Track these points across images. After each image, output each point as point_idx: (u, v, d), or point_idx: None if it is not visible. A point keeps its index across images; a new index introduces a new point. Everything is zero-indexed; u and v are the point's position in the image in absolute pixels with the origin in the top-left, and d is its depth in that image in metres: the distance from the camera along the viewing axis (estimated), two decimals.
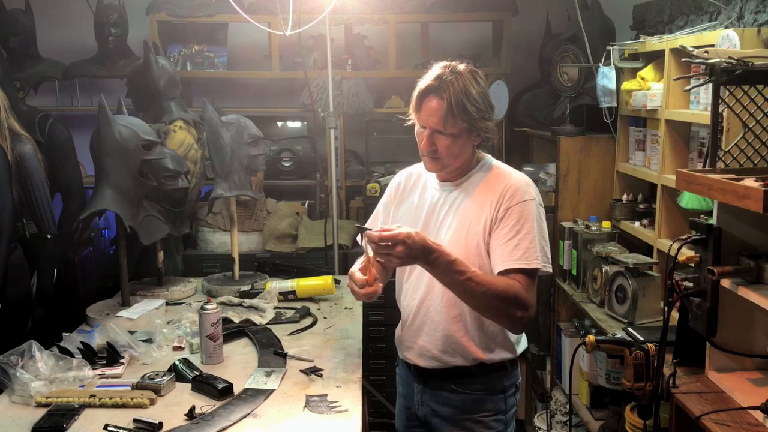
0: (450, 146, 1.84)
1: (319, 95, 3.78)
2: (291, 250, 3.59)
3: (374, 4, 3.83)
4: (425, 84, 1.83)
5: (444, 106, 1.79)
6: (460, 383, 1.96)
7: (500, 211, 1.84)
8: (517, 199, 1.84)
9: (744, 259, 1.73)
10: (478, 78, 1.84)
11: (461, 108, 1.79)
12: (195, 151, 3.17)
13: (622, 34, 3.41)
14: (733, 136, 1.93)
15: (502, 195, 1.85)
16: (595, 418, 2.99)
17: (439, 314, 1.93)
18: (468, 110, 1.79)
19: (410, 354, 2.02)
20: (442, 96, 1.79)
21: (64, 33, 4.02)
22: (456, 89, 1.79)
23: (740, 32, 2.17)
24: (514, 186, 1.86)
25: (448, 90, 1.79)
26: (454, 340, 1.93)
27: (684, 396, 1.82)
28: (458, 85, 1.79)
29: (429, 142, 1.85)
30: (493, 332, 1.93)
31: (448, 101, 1.79)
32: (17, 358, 1.98)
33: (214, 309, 2.14)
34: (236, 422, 1.76)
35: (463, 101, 1.79)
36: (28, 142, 2.77)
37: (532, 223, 1.82)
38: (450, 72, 1.81)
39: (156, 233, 2.67)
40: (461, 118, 1.80)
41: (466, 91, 1.79)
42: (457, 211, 1.91)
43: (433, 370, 1.98)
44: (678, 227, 2.65)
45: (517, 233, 1.81)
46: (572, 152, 3.20)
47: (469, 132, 1.84)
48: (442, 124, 1.81)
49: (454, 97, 1.78)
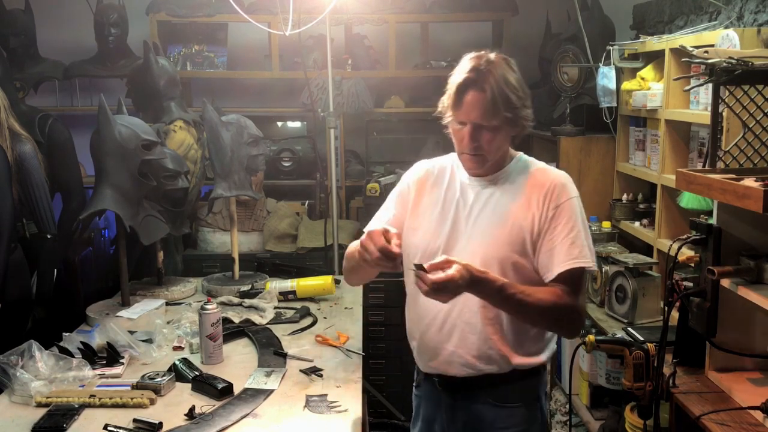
0: (493, 140, 1.74)
1: (319, 95, 3.78)
2: (291, 250, 3.59)
3: (374, 4, 3.83)
4: (462, 77, 1.71)
5: (486, 97, 1.68)
6: (496, 394, 1.82)
7: (549, 209, 1.74)
8: (565, 197, 1.76)
9: (744, 259, 1.73)
10: (513, 65, 1.75)
11: (504, 98, 1.69)
12: (195, 151, 3.17)
13: (622, 34, 3.41)
14: (733, 136, 1.94)
15: (549, 192, 1.75)
16: (595, 418, 2.99)
17: (474, 315, 1.77)
18: (510, 99, 1.70)
19: (437, 363, 1.83)
20: (483, 87, 1.69)
21: (64, 33, 4.02)
22: (496, 78, 1.69)
23: (740, 32, 2.17)
24: (560, 182, 1.77)
25: (488, 80, 1.68)
26: (490, 345, 1.77)
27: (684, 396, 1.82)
28: (497, 74, 1.69)
29: (472, 138, 1.73)
30: (530, 335, 1.81)
31: (490, 92, 1.68)
32: (17, 358, 1.98)
33: (214, 309, 2.14)
34: (236, 422, 1.76)
35: (504, 90, 1.69)
36: (28, 142, 2.77)
37: (581, 220, 1.76)
38: (485, 62, 1.71)
39: (156, 233, 2.67)
40: (504, 108, 1.69)
41: (505, 79, 1.70)
42: (496, 208, 1.78)
43: (464, 379, 1.81)
44: (678, 227, 2.65)
45: (570, 231, 1.73)
46: (572, 152, 3.20)
47: (511, 123, 1.73)
48: (485, 116, 1.70)
49: (496, 87, 1.68)
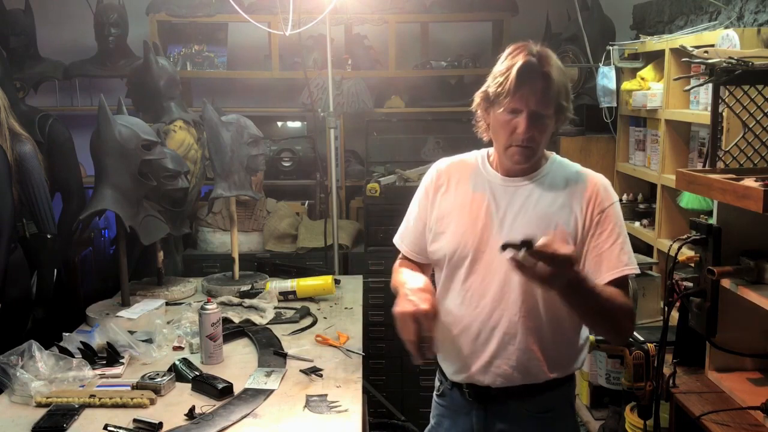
0: (545, 130, 1.63)
1: (319, 95, 3.78)
2: (291, 250, 3.59)
3: (374, 4, 3.83)
4: (522, 61, 1.58)
5: (548, 84, 1.58)
6: (531, 404, 1.72)
7: (594, 213, 1.65)
8: (609, 201, 1.67)
9: (744, 259, 1.73)
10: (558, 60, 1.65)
11: (563, 86, 1.61)
12: (195, 151, 3.17)
13: (622, 34, 3.41)
14: (733, 136, 1.94)
15: (593, 196, 1.66)
16: (595, 418, 2.98)
17: (514, 326, 1.66)
18: (568, 89, 1.63)
19: (468, 373, 1.72)
20: (545, 73, 1.58)
21: (64, 33, 4.02)
22: (556, 66, 1.60)
23: (740, 32, 2.17)
24: (603, 186, 1.69)
25: (550, 66, 1.59)
26: (530, 356, 1.67)
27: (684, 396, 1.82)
28: (555, 62, 1.61)
29: (529, 127, 1.59)
30: (568, 343, 1.73)
31: (552, 79, 1.58)
32: (17, 358, 1.98)
33: (214, 309, 2.14)
34: (236, 422, 1.76)
35: (563, 79, 1.61)
36: (28, 142, 2.77)
37: (623, 225, 1.69)
38: (540, 49, 1.61)
39: (156, 233, 2.67)
40: (563, 97, 1.61)
41: (561, 68, 1.62)
42: (536, 208, 1.67)
43: (498, 389, 1.71)
44: (678, 227, 2.65)
45: (617, 237, 1.65)
46: (572, 152, 3.20)
47: (562, 114, 1.64)
48: (545, 104, 1.59)
49: (557, 74, 1.59)
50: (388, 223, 3.54)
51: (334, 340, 2.31)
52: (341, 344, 2.29)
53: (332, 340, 2.31)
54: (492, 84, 1.63)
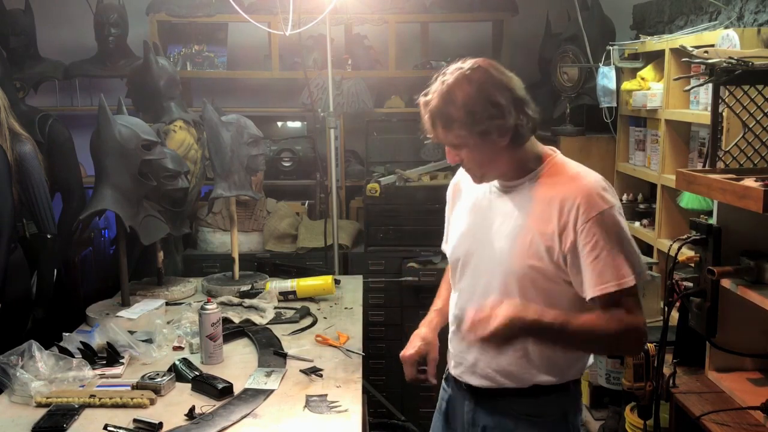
0: (470, 156, 1.66)
1: (319, 95, 3.78)
2: (291, 250, 3.59)
3: (374, 4, 3.83)
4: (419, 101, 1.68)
5: (433, 121, 1.64)
6: (517, 406, 1.74)
7: (578, 225, 1.59)
8: (595, 210, 1.58)
9: (744, 259, 1.73)
10: (474, 76, 1.60)
11: (447, 118, 1.61)
12: (195, 151, 3.17)
13: (622, 34, 3.41)
14: (733, 136, 1.94)
15: (573, 207, 1.60)
16: (595, 418, 2.99)
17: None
18: (455, 118, 1.60)
19: (460, 369, 1.80)
20: (426, 111, 1.65)
21: (64, 33, 4.02)
22: (437, 100, 1.62)
23: (740, 32, 2.17)
24: (585, 194, 1.60)
25: (431, 103, 1.63)
26: (511, 360, 1.70)
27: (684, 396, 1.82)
28: (441, 95, 1.61)
29: (451, 156, 1.68)
30: (558, 354, 1.70)
31: (431, 115, 1.63)
32: (17, 358, 1.98)
33: (214, 309, 2.14)
34: (236, 422, 1.76)
35: (446, 112, 1.60)
36: (28, 142, 2.77)
37: (616, 234, 1.60)
38: (439, 81, 1.65)
39: (156, 233, 2.67)
40: (456, 126, 1.61)
41: (449, 98, 1.60)
42: (520, 218, 1.66)
43: (487, 390, 1.76)
44: (678, 227, 2.65)
45: (601, 250, 1.57)
46: (572, 152, 3.19)
47: (481, 137, 1.60)
48: (447, 137, 1.64)
49: (436, 109, 1.62)
50: (388, 223, 3.54)
51: (334, 340, 2.31)
52: (341, 344, 2.28)
53: (332, 340, 2.31)
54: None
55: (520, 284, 1.65)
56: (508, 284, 1.66)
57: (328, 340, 2.31)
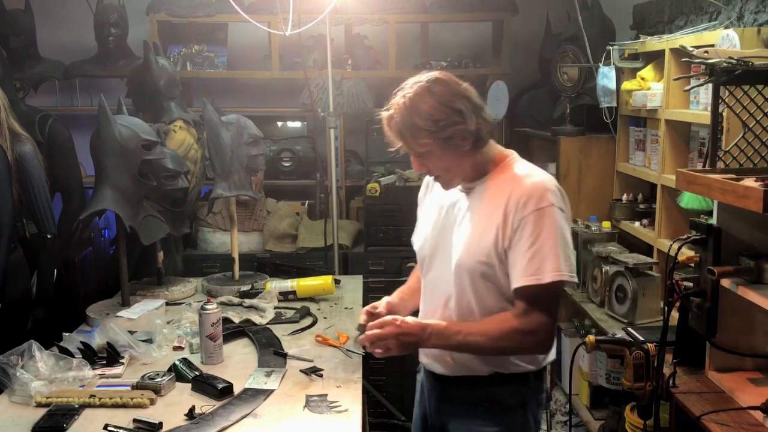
0: (436, 163, 1.76)
1: (319, 95, 3.78)
2: (291, 250, 3.59)
3: (374, 4, 3.83)
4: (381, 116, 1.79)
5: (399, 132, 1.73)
6: (476, 392, 1.83)
7: (515, 220, 1.68)
8: (531, 207, 1.67)
9: (744, 259, 1.73)
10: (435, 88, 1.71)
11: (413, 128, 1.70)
12: (195, 151, 3.17)
13: (622, 34, 3.41)
14: (733, 136, 1.94)
15: (516, 202, 1.69)
16: (595, 418, 2.99)
17: (449, 320, 1.80)
18: (420, 126, 1.69)
19: (427, 359, 1.91)
20: (390, 125, 1.75)
21: (64, 33, 4.02)
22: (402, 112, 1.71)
23: (740, 32, 2.18)
24: (528, 192, 1.69)
25: (394, 117, 1.73)
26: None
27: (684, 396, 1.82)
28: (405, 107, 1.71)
29: (417, 165, 1.79)
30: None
31: (398, 127, 1.72)
32: (17, 358, 1.98)
33: (214, 309, 2.14)
34: (236, 422, 1.76)
35: (411, 123, 1.70)
36: (28, 142, 2.77)
37: (551, 231, 1.66)
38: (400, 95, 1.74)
39: (156, 233, 2.67)
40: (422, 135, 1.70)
41: (413, 109, 1.70)
42: (473, 217, 1.78)
43: (448, 377, 1.86)
44: (678, 227, 2.65)
45: (532, 244, 1.66)
46: (572, 152, 3.20)
47: (446, 143, 1.70)
48: (409, 147, 1.74)
49: (402, 121, 1.71)
50: (388, 223, 3.54)
51: (334, 340, 2.31)
52: (341, 344, 2.28)
53: (332, 340, 2.31)
54: None
55: (471, 281, 1.76)
56: (461, 281, 1.78)
57: (328, 340, 2.31)
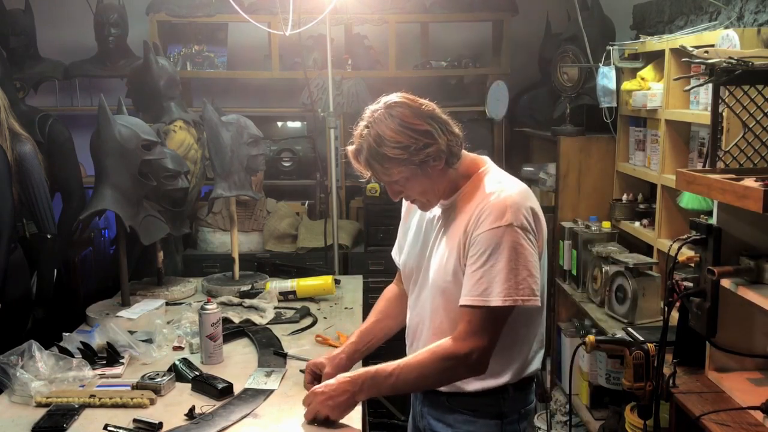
0: (412, 187, 1.70)
1: (319, 95, 3.78)
2: (291, 250, 3.59)
3: (374, 4, 3.83)
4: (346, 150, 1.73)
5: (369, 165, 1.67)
6: (456, 401, 1.80)
7: (471, 239, 1.64)
8: (487, 225, 1.61)
9: (744, 259, 1.73)
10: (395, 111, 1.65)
11: (382, 159, 1.63)
12: (195, 151, 3.17)
13: (622, 34, 3.41)
14: (733, 136, 1.93)
15: (475, 220, 1.65)
16: (595, 418, 2.99)
17: (428, 339, 1.78)
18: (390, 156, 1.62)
19: None
20: (358, 158, 1.69)
21: (64, 33, 4.02)
22: (368, 145, 1.64)
23: (740, 32, 2.17)
24: (488, 209, 1.63)
25: (362, 150, 1.66)
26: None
27: (684, 396, 1.82)
28: (368, 138, 1.64)
29: (393, 192, 1.74)
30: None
31: (366, 160, 1.66)
32: (17, 358, 1.98)
33: (214, 309, 2.14)
34: (236, 422, 1.76)
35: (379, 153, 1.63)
36: (28, 142, 2.77)
37: (504, 251, 1.59)
38: (361, 127, 1.68)
39: (156, 233, 2.67)
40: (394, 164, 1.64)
41: (378, 139, 1.62)
42: (445, 234, 1.75)
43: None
44: (678, 227, 2.65)
45: (482, 265, 1.61)
46: (572, 152, 3.20)
47: (417, 168, 1.64)
48: (383, 177, 1.69)
49: (369, 154, 1.65)
50: (388, 223, 3.54)
51: (334, 340, 2.30)
52: (341, 344, 2.28)
53: (332, 340, 2.30)
54: None
55: (444, 300, 1.74)
56: (434, 299, 1.77)
57: (328, 340, 2.31)
